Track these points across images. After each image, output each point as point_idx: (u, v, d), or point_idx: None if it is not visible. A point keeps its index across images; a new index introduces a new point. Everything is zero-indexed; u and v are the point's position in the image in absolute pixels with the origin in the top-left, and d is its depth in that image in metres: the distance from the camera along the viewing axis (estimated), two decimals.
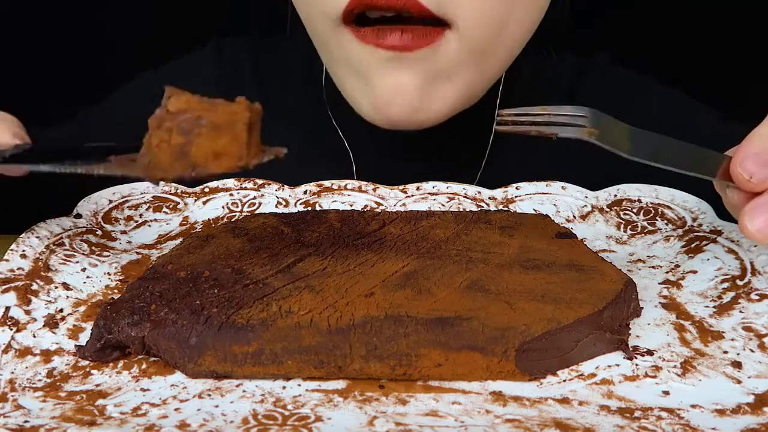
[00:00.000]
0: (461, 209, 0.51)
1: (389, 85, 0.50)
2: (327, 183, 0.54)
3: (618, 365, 0.36)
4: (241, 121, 0.36)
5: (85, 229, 0.48)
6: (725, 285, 0.42)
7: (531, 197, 0.52)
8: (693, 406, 0.32)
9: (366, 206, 0.52)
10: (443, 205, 0.52)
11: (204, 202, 0.53)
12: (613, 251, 0.47)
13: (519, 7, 0.51)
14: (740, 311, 0.39)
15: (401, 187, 0.54)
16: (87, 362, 0.36)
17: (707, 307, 0.40)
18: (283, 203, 0.53)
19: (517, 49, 0.54)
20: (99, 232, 0.48)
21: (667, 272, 0.44)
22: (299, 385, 0.34)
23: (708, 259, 0.44)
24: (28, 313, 0.39)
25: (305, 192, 0.54)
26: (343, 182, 0.54)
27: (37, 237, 0.45)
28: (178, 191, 0.53)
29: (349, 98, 0.54)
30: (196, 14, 0.83)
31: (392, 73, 0.49)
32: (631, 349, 0.37)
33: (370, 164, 0.63)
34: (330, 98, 0.64)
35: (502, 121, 0.40)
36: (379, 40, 0.48)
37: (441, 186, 0.54)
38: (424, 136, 0.56)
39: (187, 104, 0.36)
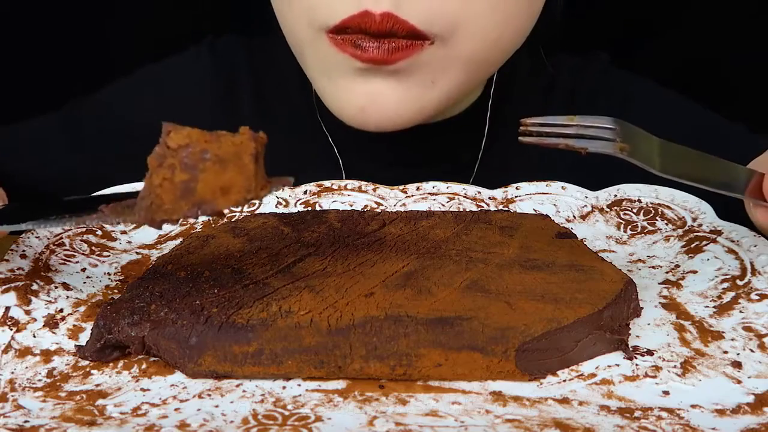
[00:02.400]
0: (461, 209, 0.51)
1: (365, 92, 0.50)
2: (327, 183, 0.54)
3: (618, 365, 0.36)
4: (247, 153, 0.34)
5: (85, 229, 0.48)
6: (725, 285, 0.42)
7: (531, 197, 0.52)
8: (693, 406, 0.32)
9: (366, 206, 0.52)
10: (443, 205, 0.52)
11: None
12: (613, 251, 0.47)
13: (513, 21, 0.51)
14: (740, 311, 0.39)
15: (401, 187, 0.54)
16: (87, 362, 0.36)
17: (707, 307, 0.40)
18: (283, 203, 0.53)
19: (509, 53, 0.54)
20: (99, 232, 0.48)
21: (667, 272, 0.44)
22: (299, 385, 0.34)
23: (708, 259, 0.44)
24: (28, 313, 0.39)
25: (305, 192, 0.54)
26: (343, 182, 0.54)
27: (37, 237, 0.45)
28: None
29: (326, 102, 0.54)
30: (190, 12, 0.83)
31: (368, 81, 0.49)
32: (631, 349, 0.37)
33: (359, 168, 0.63)
34: (319, 103, 0.63)
35: (526, 131, 0.38)
36: (356, 51, 0.47)
37: (441, 186, 0.54)
38: (414, 139, 0.55)
39: (188, 138, 0.34)
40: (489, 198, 0.53)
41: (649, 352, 0.36)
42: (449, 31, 0.48)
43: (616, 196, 0.52)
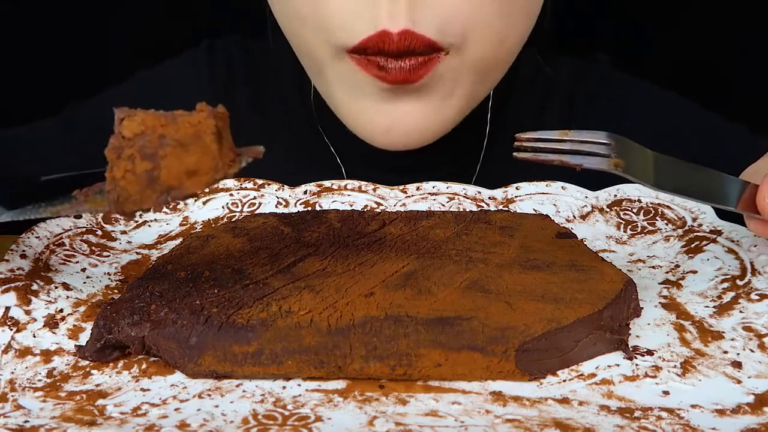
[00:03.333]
0: (461, 209, 0.51)
1: (390, 114, 0.50)
2: (327, 183, 0.54)
3: (618, 365, 0.36)
4: (208, 132, 0.33)
5: (85, 229, 0.48)
6: (725, 285, 0.42)
7: (531, 197, 0.52)
8: (693, 406, 0.32)
9: (366, 206, 0.52)
10: (443, 205, 0.52)
11: (204, 202, 0.53)
12: (613, 251, 0.47)
13: (518, 22, 0.51)
14: (740, 311, 0.39)
15: (401, 187, 0.54)
16: (87, 362, 0.36)
17: (707, 307, 0.40)
18: (283, 203, 0.53)
19: (515, 54, 0.55)
20: (99, 232, 0.48)
21: (667, 272, 0.44)
22: (299, 385, 0.34)
23: (708, 259, 0.44)
24: (28, 313, 0.39)
25: (305, 192, 0.54)
26: (343, 182, 0.54)
27: (37, 237, 0.45)
28: None
29: (348, 123, 0.54)
30: (189, 14, 0.83)
31: (393, 103, 0.49)
32: (631, 349, 0.37)
33: (360, 174, 0.63)
34: (319, 113, 0.63)
35: (521, 147, 0.38)
36: (381, 73, 0.47)
37: (441, 186, 0.54)
38: (419, 150, 0.55)
39: (143, 124, 0.33)
40: (489, 198, 0.53)
41: (649, 352, 0.36)
42: (461, 38, 0.48)
43: (616, 196, 0.52)
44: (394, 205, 0.52)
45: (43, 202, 0.37)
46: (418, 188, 0.54)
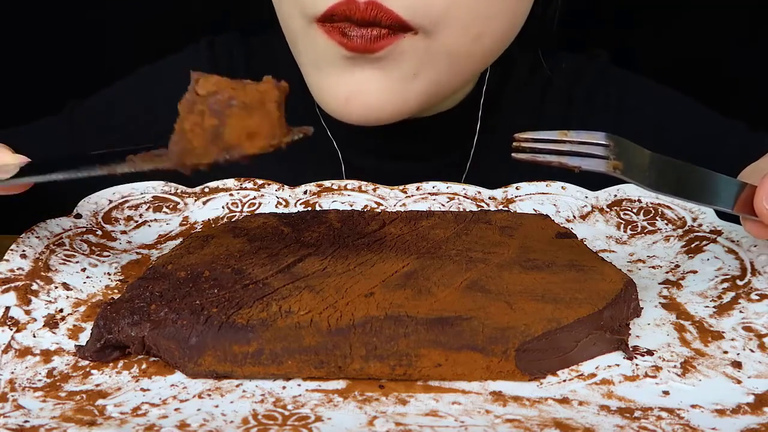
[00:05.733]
0: (461, 209, 0.51)
1: (349, 83, 0.51)
2: (327, 183, 0.54)
3: (618, 365, 0.36)
4: (271, 100, 0.36)
5: (85, 229, 0.48)
6: (725, 285, 0.42)
7: (531, 197, 0.52)
8: (693, 406, 0.32)
9: (366, 206, 0.52)
10: (443, 205, 0.52)
11: (204, 202, 0.53)
12: (613, 251, 0.47)
13: (496, 19, 0.51)
14: (740, 311, 0.39)
15: (401, 187, 0.54)
16: (87, 362, 0.36)
17: (707, 307, 0.40)
18: (283, 203, 0.53)
19: (495, 51, 0.55)
20: (99, 232, 0.48)
21: (667, 272, 0.44)
22: (299, 385, 0.34)
23: (708, 259, 0.44)
24: (28, 313, 0.39)
25: (305, 192, 0.54)
26: (343, 182, 0.54)
27: (37, 237, 0.45)
28: (178, 191, 0.53)
29: (314, 94, 0.55)
30: (189, 10, 0.83)
31: (353, 72, 0.50)
32: (631, 349, 0.37)
33: (359, 164, 0.63)
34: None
35: (519, 147, 0.38)
36: (343, 39, 0.48)
37: (441, 186, 0.54)
38: (411, 135, 0.56)
39: (216, 86, 0.35)
40: (489, 198, 0.53)
41: (649, 352, 0.36)
42: (432, 22, 0.48)
43: (616, 196, 0.52)
44: (394, 205, 0.52)
45: (96, 164, 0.38)
46: (418, 188, 0.54)
